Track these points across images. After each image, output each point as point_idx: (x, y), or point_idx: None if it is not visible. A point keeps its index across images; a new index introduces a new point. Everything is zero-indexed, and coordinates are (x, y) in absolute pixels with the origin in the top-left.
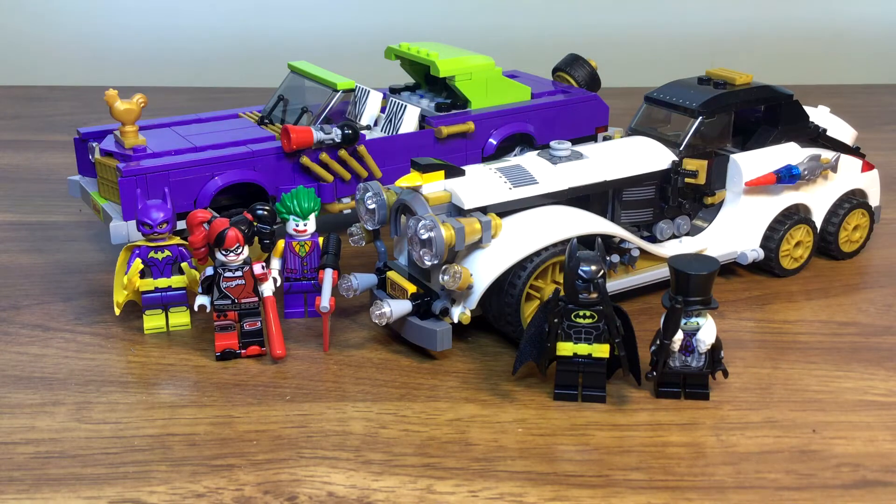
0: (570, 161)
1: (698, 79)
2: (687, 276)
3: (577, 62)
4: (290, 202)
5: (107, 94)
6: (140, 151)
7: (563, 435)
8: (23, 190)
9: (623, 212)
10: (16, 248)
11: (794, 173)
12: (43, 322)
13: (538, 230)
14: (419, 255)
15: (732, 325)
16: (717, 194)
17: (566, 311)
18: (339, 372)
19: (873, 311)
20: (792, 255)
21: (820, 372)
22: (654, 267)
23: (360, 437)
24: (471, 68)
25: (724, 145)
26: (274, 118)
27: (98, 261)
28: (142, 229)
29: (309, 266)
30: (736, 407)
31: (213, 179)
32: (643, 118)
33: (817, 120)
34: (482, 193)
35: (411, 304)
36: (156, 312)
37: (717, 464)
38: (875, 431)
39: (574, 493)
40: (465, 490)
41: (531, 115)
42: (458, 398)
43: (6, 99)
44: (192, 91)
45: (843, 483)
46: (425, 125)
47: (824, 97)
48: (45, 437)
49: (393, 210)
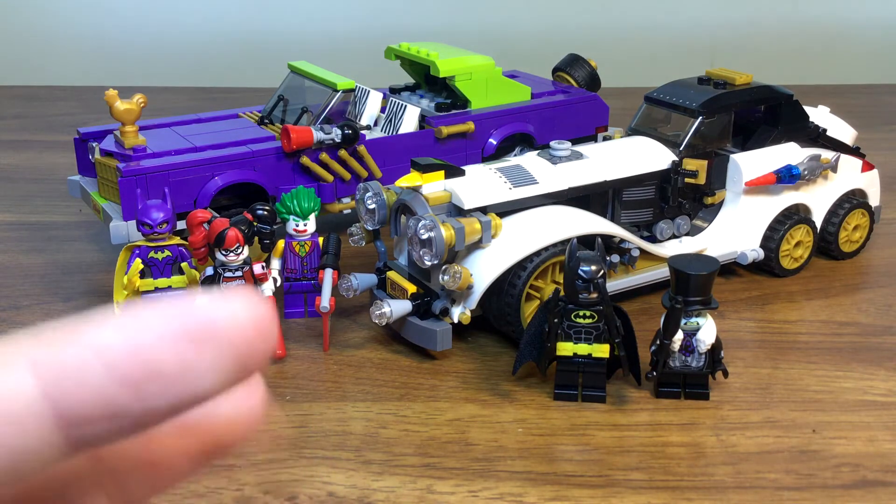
0: (570, 161)
1: (698, 79)
2: (687, 276)
3: (577, 62)
4: (290, 202)
5: (107, 94)
6: (140, 151)
7: (563, 435)
8: (23, 190)
9: (623, 212)
10: (16, 248)
11: (794, 173)
12: (43, 322)
13: (538, 230)
14: (419, 255)
15: (732, 325)
16: (717, 194)
17: (566, 311)
18: (339, 372)
19: (873, 311)
20: (792, 255)
21: (820, 372)
22: (654, 267)
23: (360, 437)
24: (471, 68)
25: (724, 145)
26: (274, 118)
27: (98, 261)
28: (142, 229)
29: (309, 266)
30: (736, 407)
31: (213, 179)
32: (643, 118)
33: (817, 120)
34: (482, 193)
35: (411, 304)
36: None
37: (717, 464)
38: (875, 431)
39: (574, 493)
40: (465, 490)
41: (531, 115)
42: (458, 398)
43: (7, 99)
44: (192, 91)
45: (843, 483)
46: (425, 125)
47: (824, 97)
48: None
49: (393, 210)
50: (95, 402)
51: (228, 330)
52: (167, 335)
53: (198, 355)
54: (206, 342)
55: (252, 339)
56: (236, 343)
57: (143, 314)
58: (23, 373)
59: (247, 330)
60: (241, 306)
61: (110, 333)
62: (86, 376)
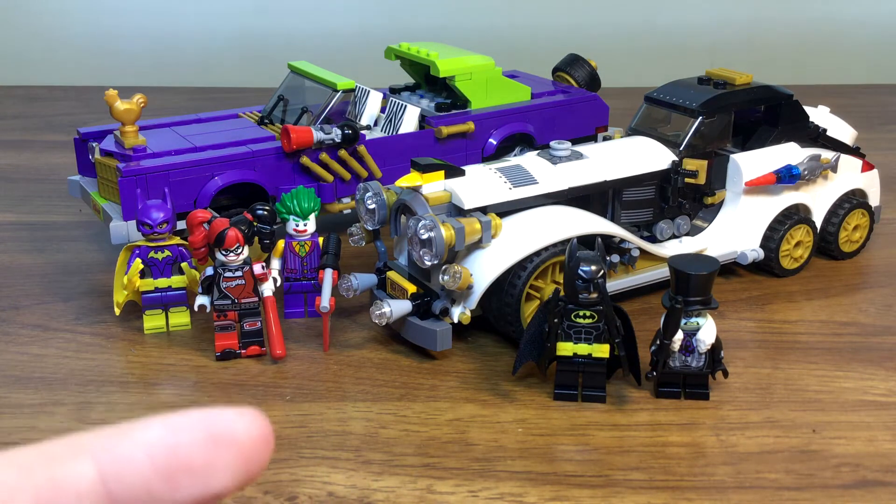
0: (570, 161)
1: (698, 79)
2: (687, 276)
3: (577, 62)
4: (290, 202)
5: (107, 94)
6: (140, 151)
7: (563, 435)
8: (23, 190)
9: (623, 212)
10: (16, 248)
11: (794, 173)
12: (43, 322)
13: (538, 230)
14: (419, 255)
15: (732, 325)
16: (717, 194)
17: (566, 311)
18: (339, 372)
19: (873, 311)
20: (792, 255)
21: (820, 372)
22: (654, 267)
23: (360, 437)
24: (471, 68)
25: (724, 145)
26: (274, 118)
27: (98, 261)
28: (142, 229)
29: (309, 266)
30: (736, 407)
31: (213, 179)
32: (643, 118)
33: (817, 120)
34: (482, 193)
35: (411, 304)
36: (156, 312)
37: (717, 464)
38: (875, 431)
39: (574, 493)
40: (465, 490)
41: (531, 115)
42: (458, 398)
43: (7, 99)
44: (192, 91)
45: (843, 483)
46: (425, 125)
47: (824, 97)
48: (45, 437)
49: (393, 210)
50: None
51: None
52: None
53: (219, 457)
54: (227, 447)
55: (260, 449)
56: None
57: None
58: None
59: (256, 441)
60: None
61: (155, 433)
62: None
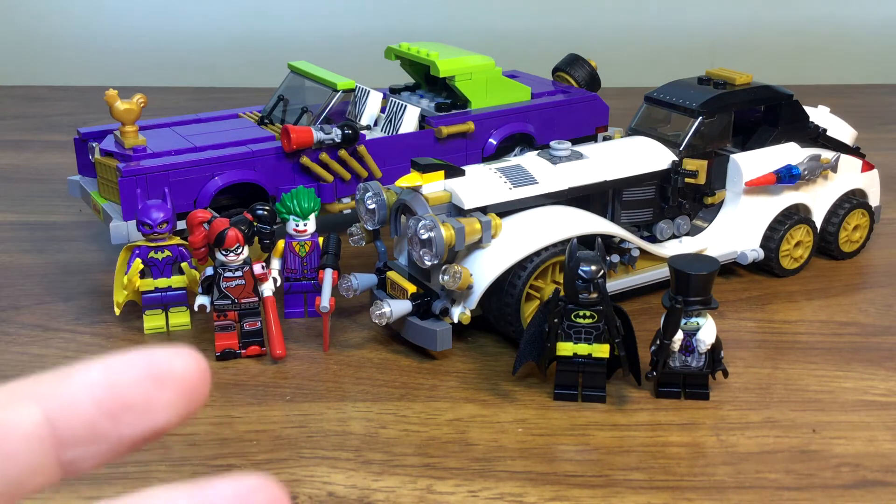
0: (570, 161)
1: (698, 79)
2: (687, 276)
3: (577, 62)
4: (290, 202)
5: (107, 94)
6: (140, 151)
7: (563, 435)
8: (23, 190)
9: (623, 212)
10: (16, 248)
11: (794, 173)
12: (43, 322)
13: (538, 230)
14: (419, 255)
15: (732, 325)
16: (717, 194)
17: (566, 311)
18: (339, 372)
19: (873, 311)
20: (792, 255)
21: (820, 372)
22: (654, 267)
23: (360, 437)
24: (471, 68)
25: (724, 145)
26: (274, 118)
27: (98, 261)
28: (142, 229)
29: (309, 266)
30: (736, 407)
31: (213, 179)
32: (643, 118)
33: (817, 120)
34: (482, 193)
35: (411, 304)
36: (156, 312)
37: (717, 464)
38: (875, 431)
39: (574, 493)
40: (465, 490)
41: (531, 115)
42: (458, 398)
43: (6, 99)
44: (192, 91)
45: (843, 483)
46: (425, 125)
47: (824, 97)
48: None
49: (393, 210)
50: (84, 428)
51: (181, 375)
52: (138, 376)
53: (159, 394)
54: (166, 384)
55: (197, 385)
56: (186, 386)
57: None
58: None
59: (194, 376)
60: (190, 358)
61: (95, 375)
62: (78, 408)
